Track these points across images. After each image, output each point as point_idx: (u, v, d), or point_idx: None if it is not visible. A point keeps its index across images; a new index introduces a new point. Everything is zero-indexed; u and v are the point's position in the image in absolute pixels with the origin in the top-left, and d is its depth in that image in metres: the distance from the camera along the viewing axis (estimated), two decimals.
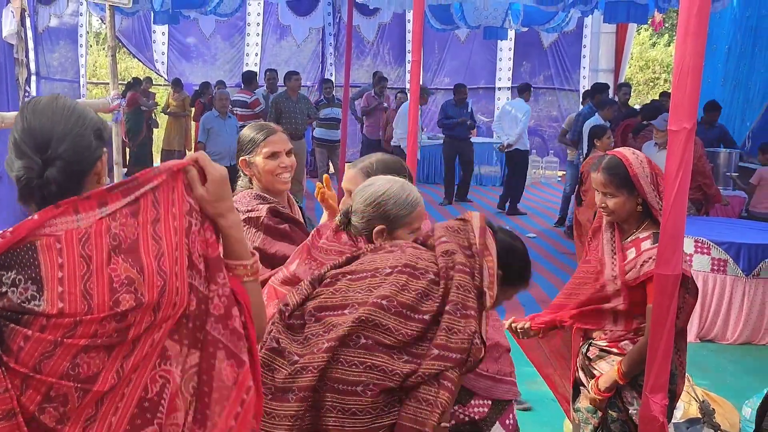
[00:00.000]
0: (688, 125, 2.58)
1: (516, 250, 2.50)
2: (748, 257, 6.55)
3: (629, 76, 21.14)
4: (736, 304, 6.62)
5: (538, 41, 17.32)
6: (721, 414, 4.26)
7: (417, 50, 5.77)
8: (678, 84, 2.60)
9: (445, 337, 2.12)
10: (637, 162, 3.06)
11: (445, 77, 17.97)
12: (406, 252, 2.29)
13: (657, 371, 2.69)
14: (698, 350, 6.40)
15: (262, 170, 3.19)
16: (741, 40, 11.57)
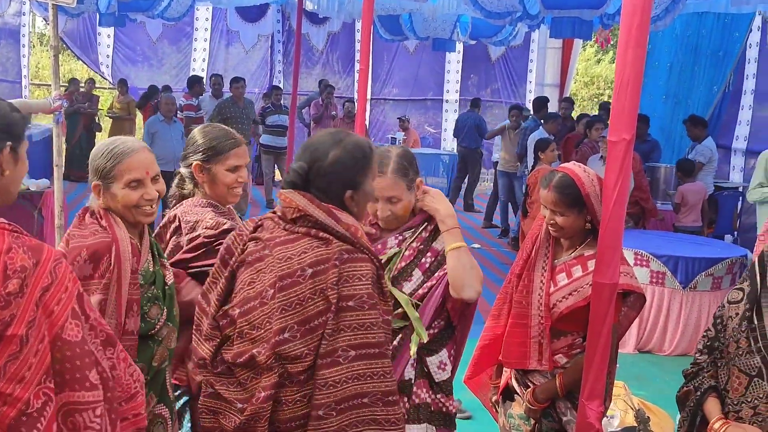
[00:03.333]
0: (627, 136, 2.62)
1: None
2: (685, 270, 6.69)
3: (574, 91, 21.48)
4: (673, 316, 6.76)
5: (485, 54, 17.51)
6: (656, 422, 4.33)
7: (365, 60, 5.78)
8: (618, 95, 2.65)
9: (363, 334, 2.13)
10: (588, 181, 3.03)
11: (393, 88, 18.05)
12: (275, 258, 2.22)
13: (593, 378, 2.72)
14: (636, 361, 6.51)
15: (220, 181, 3.06)
16: (682, 58, 11.83)
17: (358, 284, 2.15)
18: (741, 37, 10.88)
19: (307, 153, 2.33)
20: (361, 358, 2.11)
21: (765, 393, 2.74)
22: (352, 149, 2.32)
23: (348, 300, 2.13)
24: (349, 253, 2.19)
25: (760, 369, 2.75)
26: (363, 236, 2.26)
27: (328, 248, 2.19)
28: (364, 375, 2.10)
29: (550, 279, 3.07)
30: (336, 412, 2.08)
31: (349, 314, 2.12)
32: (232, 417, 2.17)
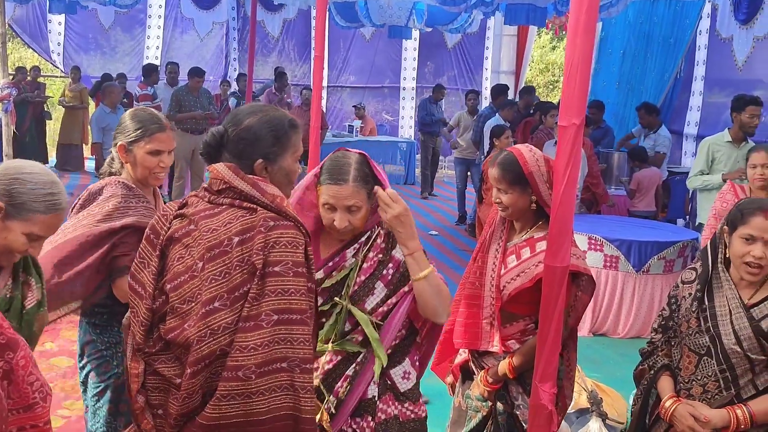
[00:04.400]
0: (577, 121, 2.64)
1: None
2: (638, 254, 6.79)
3: (530, 78, 21.64)
4: (627, 300, 6.86)
5: (442, 41, 17.55)
6: (609, 404, 4.40)
7: (320, 47, 5.74)
8: (568, 80, 2.66)
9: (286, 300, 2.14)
10: (532, 159, 3.06)
11: (350, 75, 18.00)
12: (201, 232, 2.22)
13: (546, 361, 2.75)
14: (591, 344, 6.60)
15: (139, 163, 3.14)
16: (635, 45, 11.99)
17: (285, 251, 2.15)
18: (691, 24, 11.05)
19: (228, 118, 2.37)
20: (283, 323, 2.11)
21: (713, 371, 2.81)
22: (269, 120, 2.33)
23: (274, 265, 2.13)
24: (275, 221, 2.19)
25: (709, 348, 2.82)
26: (288, 206, 2.26)
27: (254, 216, 2.20)
28: (285, 340, 2.11)
29: (501, 261, 3.10)
30: (255, 375, 2.08)
31: (274, 279, 2.12)
32: (173, 393, 2.17)
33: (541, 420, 2.76)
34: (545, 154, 3.18)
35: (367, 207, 2.62)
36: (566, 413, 4.18)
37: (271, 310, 2.11)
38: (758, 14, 10.07)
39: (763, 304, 2.76)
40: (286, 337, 2.12)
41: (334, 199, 2.56)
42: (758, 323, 2.73)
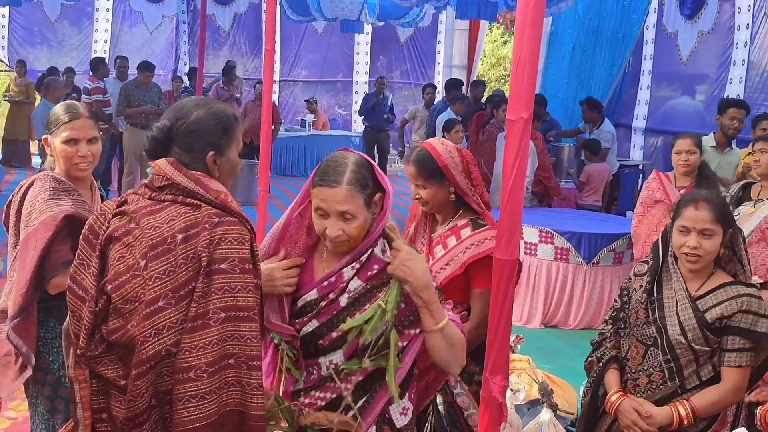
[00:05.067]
0: (525, 115, 2.65)
1: None
2: (588, 246, 6.88)
3: (481, 72, 21.77)
4: (577, 291, 6.95)
5: (394, 36, 17.55)
6: (560, 395, 4.45)
7: (270, 40, 5.70)
8: (516, 74, 2.67)
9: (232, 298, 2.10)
10: (445, 152, 3.09)
11: (302, 69, 17.92)
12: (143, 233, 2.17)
13: (496, 353, 2.76)
14: (542, 336, 6.68)
15: (59, 154, 3.13)
16: (584, 40, 12.11)
17: (231, 247, 2.12)
18: (639, 19, 11.21)
19: (171, 112, 2.31)
20: (230, 320, 2.08)
21: (658, 362, 2.86)
22: (217, 112, 2.31)
23: (220, 262, 2.09)
24: (220, 217, 2.15)
25: (655, 339, 2.87)
26: (233, 202, 2.22)
27: (198, 213, 2.15)
28: (232, 337, 2.08)
29: (428, 253, 3.13)
30: (207, 374, 2.06)
31: (220, 276, 2.09)
32: (116, 396, 2.13)
33: (491, 412, 2.77)
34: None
35: (365, 216, 2.32)
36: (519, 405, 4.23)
37: (218, 308, 2.08)
38: (703, 9, 10.27)
39: (708, 296, 2.82)
40: (234, 334, 2.09)
41: (325, 204, 2.28)
42: (702, 315, 2.78)
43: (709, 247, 2.80)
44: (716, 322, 2.77)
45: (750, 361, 2.79)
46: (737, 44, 9.49)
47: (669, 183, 5.12)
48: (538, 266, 6.99)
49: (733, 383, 2.79)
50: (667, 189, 5.09)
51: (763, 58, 9.27)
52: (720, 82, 9.81)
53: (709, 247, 2.80)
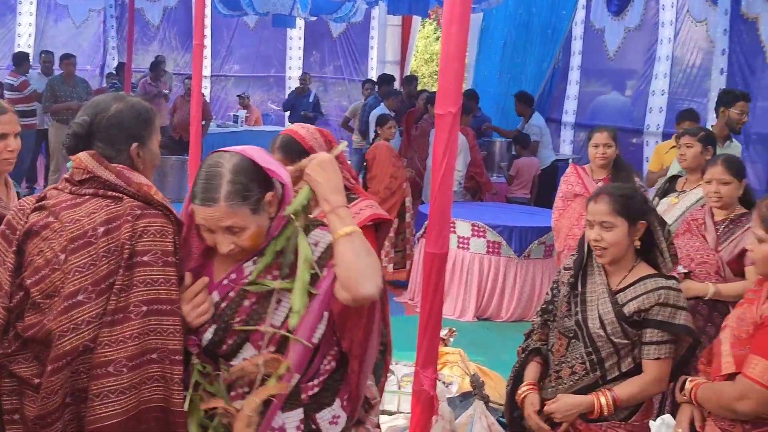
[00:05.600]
0: (453, 109, 2.67)
1: None
2: (519, 239, 6.98)
3: (414, 68, 21.85)
4: (509, 284, 7.04)
5: (327, 31, 17.47)
6: (492, 386, 4.51)
7: (199, 35, 5.65)
8: (444, 69, 2.70)
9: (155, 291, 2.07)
10: (308, 134, 3.08)
11: (234, 64, 17.72)
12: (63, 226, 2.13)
13: (427, 346, 2.78)
14: (475, 329, 6.75)
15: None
16: (515, 35, 12.25)
17: (154, 240, 2.09)
18: (568, 15, 11.39)
19: (89, 108, 2.30)
20: (153, 314, 2.06)
21: (581, 354, 2.93)
22: (134, 105, 2.32)
23: (142, 255, 2.07)
24: (143, 209, 2.12)
25: (576, 331, 2.93)
26: (157, 194, 2.19)
27: (120, 206, 2.13)
28: (155, 331, 2.06)
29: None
30: (127, 368, 2.02)
31: (142, 269, 2.06)
32: (30, 395, 2.08)
33: (423, 405, 2.80)
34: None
35: (257, 223, 2.13)
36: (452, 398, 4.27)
37: (139, 301, 2.05)
38: (629, 6, 10.49)
39: (628, 290, 2.88)
40: (156, 328, 2.06)
41: (207, 222, 2.11)
42: (621, 308, 2.85)
43: (610, 238, 2.85)
44: (634, 315, 2.83)
45: (670, 353, 2.85)
46: (661, 40, 9.72)
47: (587, 176, 5.23)
48: (471, 260, 7.06)
49: (654, 375, 2.85)
50: (585, 182, 5.20)
51: (685, 54, 9.53)
52: (646, 77, 10.04)
53: (611, 239, 2.85)
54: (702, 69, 9.28)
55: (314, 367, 2.24)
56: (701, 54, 9.31)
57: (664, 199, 4.79)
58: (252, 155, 2.15)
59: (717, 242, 4.01)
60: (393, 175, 7.80)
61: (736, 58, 8.56)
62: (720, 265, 3.94)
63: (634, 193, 2.97)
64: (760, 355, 2.48)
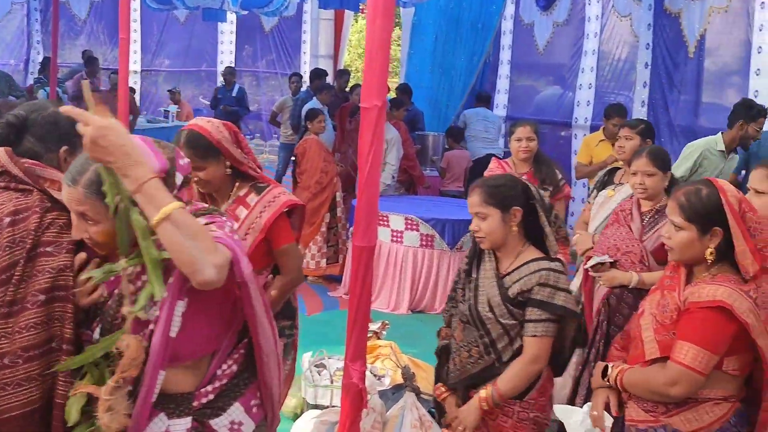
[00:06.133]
0: (379, 102, 2.67)
1: None
2: (452, 232, 7.04)
3: (348, 62, 21.83)
4: (442, 276, 7.09)
5: (259, 25, 17.34)
6: (424, 377, 4.54)
7: (125, 29, 5.52)
8: (368, 62, 2.69)
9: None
10: (214, 128, 3.12)
11: (165, 59, 17.47)
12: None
13: (356, 340, 2.78)
14: (409, 321, 6.78)
15: None
16: (446, 30, 12.33)
17: (60, 232, 2.10)
18: (498, 10, 11.51)
19: (26, 106, 2.34)
20: (52, 301, 2.05)
21: (474, 337, 3.02)
22: None
23: (46, 246, 2.07)
24: (54, 202, 2.13)
25: (468, 316, 3.04)
26: None
27: (29, 198, 2.14)
28: (53, 318, 2.04)
29: None
30: (23, 360, 2.00)
31: (44, 259, 2.06)
32: None
33: (352, 398, 2.80)
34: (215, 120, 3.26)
35: (112, 222, 1.98)
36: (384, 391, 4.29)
37: (37, 290, 2.03)
38: (557, 1, 10.66)
39: (514, 273, 2.98)
40: (55, 315, 2.05)
41: (65, 201, 2.03)
42: (506, 290, 2.94)
43: (485, 227, 2.97)
44: (518, 297, 2.93)
45: (548, 332, 2.94)
46: (588, 35, 9.90)
47: (510, 170, 5.29)
48: (405, 253, 7.09)
49: (532, 352, 2.95)
50: None
51: (611, 49, 9.73)
52: (573, 71, 10.22)
53: (486, 228, 2.97)
54: (628, 63, 9.49)
55: (210, 371, 2.17)
56: (627, 48, 9.51)
57: (602, 191, 4.88)
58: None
59: (642, 232, 4.10)
60: (323, 169, 7.78)
61: (660, 52, 8.78)
62: (644, 254, 4.02)
63: (505, 183, 3.06)
64: (689, 340, 2.55)
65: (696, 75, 8.51)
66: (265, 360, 2.24)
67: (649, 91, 8.90)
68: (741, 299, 2.51)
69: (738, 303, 2.50)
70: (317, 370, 4.61)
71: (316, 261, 7.79)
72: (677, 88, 8.68)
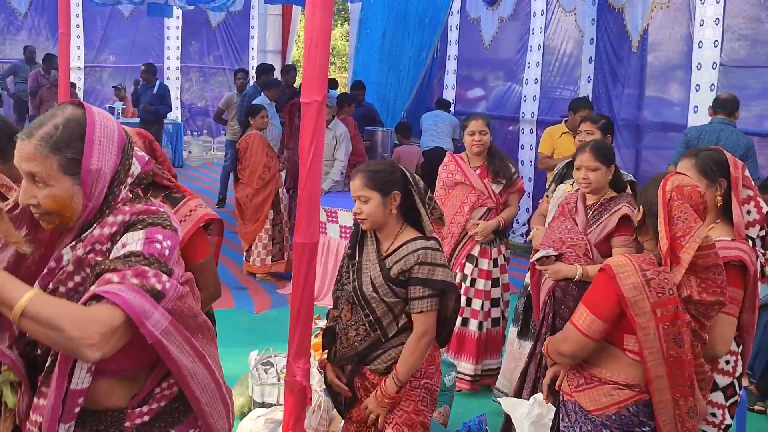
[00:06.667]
0: (319, 98, 2.67)
1: None
2: None
3: (297, 57, 21.70)
4: None
5: (206, 20, 17.16)
6: None
7: (65, 24, 5.43)
8: (308, 58, 2.68)
9: None
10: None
11: (110, 55, 17.17)
12: None
13: (299, 338, 2.78)
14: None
15: None
16: (393, 25, 12.31)
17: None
18: (445, 5, 11.52)
19: None
20: None
21: (360, 316, 3.12)
22: (6, 120, 2.36)
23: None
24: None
25: (353, 296, 3.12)
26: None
27: None
28: None
29: None
30: None
31: None
32: None
33: (296, 396, 2.79)
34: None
35: (65, 187, 1.87)
36: None
37: None
38: None
39: (394, 253, 3.08)
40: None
41: (17, 159, 1.89)
42: (388, 271, 3.04)
43: (367, 210, 3.08)
44: (399, 276, 3.04)
45: (432, 306, 3.06)
46: (533, 30, 9.97)
47: (464, 164, 5.31)
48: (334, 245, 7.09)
49: (421, 327, 3.07)
50: (464, 170, 5.28)
51: (557, 44, 9.81)
52: (520, 65, 10.29)
53: (367, 210, 3.08)
54: (573, 57, 9.58)
55: (145, 390, 1.97)
56: (571, 43, 9.60)
57: (561, 185, 4.91)
58: (101, 124, 1.94)
59: (586, 225, 4.14)
60: (266, 165, 7.71)
61: (604, 46, 8.89)
62: (588, 247, 4.07)
63: (385, 168, 3.15)
64: (584, 304, 2.72)
65: (639, 69, 8.62)
66: (206, 410, 1.99)
67: (593, 86, 9.01)
68: (630, 272, 2.62)
69: (624, 275, 2.62)
70: (264, 368, 4.58)
71: (261, 258, 7.73)
72: (621, 83, 8.79)
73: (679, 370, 2.63)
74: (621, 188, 4.22)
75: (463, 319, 5.29)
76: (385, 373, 3.11)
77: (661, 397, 2.63)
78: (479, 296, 5.28)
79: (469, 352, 5.30)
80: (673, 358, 2.61)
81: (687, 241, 2.66)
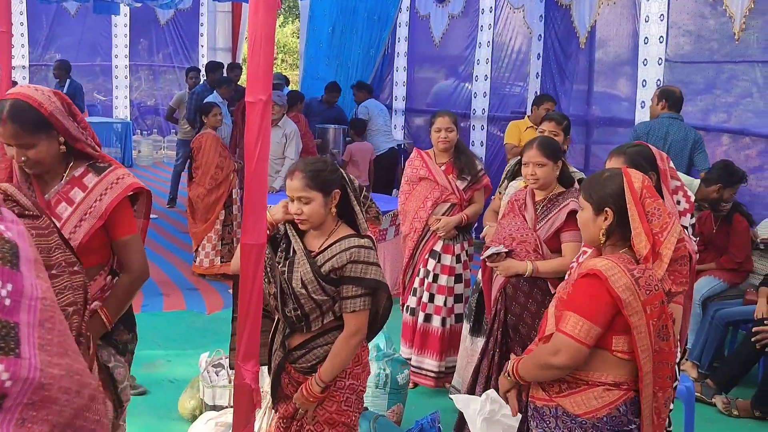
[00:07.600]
0: (264, 96, 2.63)
1: None
2: None
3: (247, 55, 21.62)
4: None
5: (154, 18, 16.94)
6: None
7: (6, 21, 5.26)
8: (252, 56, 2.64)
9: None
10: (45, 98, 2.74)
11: (56, 53, 16.85)
12: None
13: (247, 340, 2.73)
14: None
15: None
16: (342, 22, 12.27)
17: None
18: (395, 2, 11.52)
19: None
20: None
21: (290, 311, 3.05)
22: None
23: None
24: None
25: (283, 293, 3.05)
26: None
27: None
28: None
29: (50, 216, 2.67)
30: None
31: None
32: None
33: (245, 399, 2.75)
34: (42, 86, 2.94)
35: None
36: None
37: None
38: None
39: (326, 251, 3.03)
40: None
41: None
42: (319, 268, 3.00)
43: (308, 210, 3.04)
44: (331, 274, 3.00)
45: (364, 305, 3.04)
46: (482, 27, 10.01)
47: (430, 160, 5.31)
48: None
49: (352, 328, 3.04)
50: (429, 166, 5.27)
51: (505, 40, 9.85)
52: (469, 62, 10.32)
53: (309, 211, 3.04)
54: (522, 54, 9.64)
55: None
56: (520, 39, 9.65)
57: (513, 182, 4.94)
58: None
59: (535, 221, 4.17)
60: (219, 165, 7.63)
61: (552, 43, 8.96)
62: (538, 243, 4.10)
63: (325, 166, 3.11)
64: (570, 309, 2.64)
65: (588, 65, 8.70)
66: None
67: (541, 82, 9.07)
68: (620, 274, 2.59)
69: (615, 277, 2.58)
70: (215, 370, 4.53)
71: (210, 259, 7.64)
72: (569, 79, 8.87)
73: (662, 363, 2.64)
74: (569, 184, 4.26)
75: (426, 315, 5.28)
76: (309, 372, 3.09)
77: (647, 391, 2.63)
78: (442, 292, 5.26)
79: (433, 349, 5.27)
80: (657, 352, 2.62)
81: (665, 236, 2.68)
